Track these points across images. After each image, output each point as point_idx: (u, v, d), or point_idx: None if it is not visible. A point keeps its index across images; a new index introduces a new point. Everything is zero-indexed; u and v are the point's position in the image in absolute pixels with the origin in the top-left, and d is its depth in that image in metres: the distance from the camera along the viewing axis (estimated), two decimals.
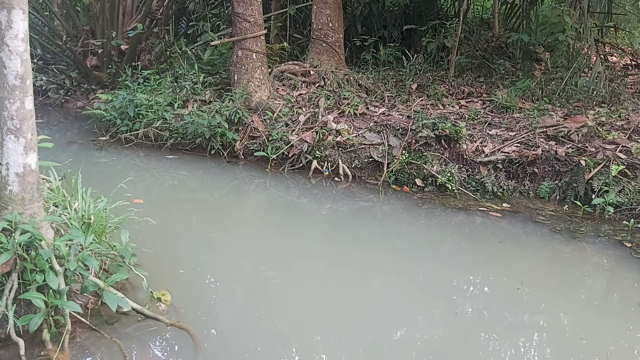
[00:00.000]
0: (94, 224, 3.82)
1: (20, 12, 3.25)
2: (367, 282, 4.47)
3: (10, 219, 3.31)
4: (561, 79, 8.29)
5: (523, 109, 7.53)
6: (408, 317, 4.00)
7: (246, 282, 4.39)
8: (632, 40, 10.51)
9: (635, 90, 8.38)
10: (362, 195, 6.41)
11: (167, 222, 5.41)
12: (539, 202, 6.13)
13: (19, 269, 3.29)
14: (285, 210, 6.22)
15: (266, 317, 3.85)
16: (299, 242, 5.46)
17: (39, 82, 9.81)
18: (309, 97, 7.98)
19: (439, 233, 5.60)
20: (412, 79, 8.75)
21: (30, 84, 3.36)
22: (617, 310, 4.32)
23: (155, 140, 7.69)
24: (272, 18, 9.99)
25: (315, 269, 4.73)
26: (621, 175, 5.88)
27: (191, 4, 11.38)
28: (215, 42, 8.69)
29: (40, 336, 3.28)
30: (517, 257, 5.04)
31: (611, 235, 5.38)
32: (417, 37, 9.84)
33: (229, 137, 7.29)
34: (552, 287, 4.55)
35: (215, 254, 4.83)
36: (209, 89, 8.30)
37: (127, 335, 3.50)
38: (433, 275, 4.65)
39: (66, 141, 7.98)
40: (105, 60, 10.09)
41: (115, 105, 7.92)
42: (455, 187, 6.30)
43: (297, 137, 7.08)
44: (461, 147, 6.62)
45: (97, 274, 3.70)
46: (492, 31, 9.52)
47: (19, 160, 3.37)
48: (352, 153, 6.94)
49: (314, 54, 8.87)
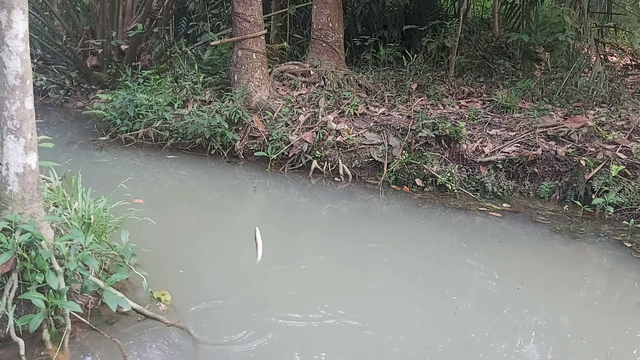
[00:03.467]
0: (94, 224, 3.82)
1: (20, 12, 3.25)
2: (367, 282, 4.47)
3: (10, 219, 3.31)
4: (561, 79, 8.29)
5: (523, 109, 7.53)
6: (408, 317, 4.00)
7: (246, 282, 4.38)
8: (632, 40, 10.52)
9: (635, 90, 8.37)
10: (362, 195, 6.41)
11: (167, 222, 5.41)
12: (539, 202, 6.13)
13: (19, 269, 3.29)
14: (285, 210, 6.22)
15: (266, 317, 3.85)
16: (298, 242, 5.46)
17: (39, 82, 9.79)
18: (309, 97, 7.98)
19: (439, 233, 5.60)
20: (412, 79, 8.75)
21: (30, 84, 3.36)
22: (617, 310, 4.32)
23: (155, 140, 7.68)
24: (272, 18, 9.98)
25: (315, 269, 4.73)
26: (621, 175, 5.88)
27: (191, 4, 11.37)
28: (215, 42, 8.68)
29: (40, 336, 3.28)
30: (517, 257, 5.04)
31: (611, 235, 5.38)
32: (417, 37, 9.83)
33: (229, 137, 7.29)
34: (552, 287, 4.55)
35: (215, 254, 4.83)
36: (209, 89, 8.30)
37: (127, 335, 3.50)
38: (433, 275, 4.65)
39: (66, 141, 7.98)
40: (105, 60, 10.09)
41: (115, 105, 7.92)
42: (455, 187, 6.30)
43: (297, 137, 7.08)
44: (461, 147, 6.62)
45: (97, 274, 3.70)
46: (492, 31, 9.52)
47: (19, 160, 3.37)
48: (352, 153, 6.94)
49: (314, 54, 8.87)
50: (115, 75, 9.85)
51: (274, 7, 10.17)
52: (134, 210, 4.42)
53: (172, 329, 3.55)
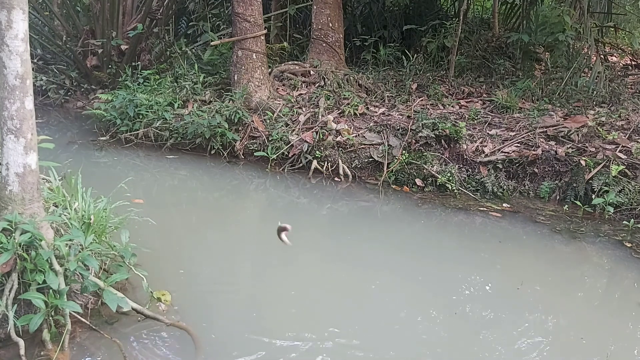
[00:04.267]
0: (94, 224, 3.82)
1: (20, 12, 3.25)
2: (367, 282, 4.47)
3: (10, 219, 3.31)
4: (561, 79, 8.29)
5: (523, 109, 7.53)
6: (408, 316, 4.00)
7: (246, 282, 4.38)
8: (632, 40, 10.51)
9: (635, 90, 8.37)
10: (362, 195, 6.41)
11: (167, 222, 5.41)
12: (539, 202, 6.13)
13: (19, 269, 3.29)
14: (285, 210, 6.22)
15: (266, 317, 3.85)
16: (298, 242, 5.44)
17: (39, 82, 9.79)
18: (309, 97, 7.98)
19: (439, 233, 5.60)
20: (412, 79, 8.75)
21: (30, 84, 3.36)
22: (617, 310, 4.32)
23: (155, 140, 7.68)
24: (272, 18, 9.98)
25: (315, 269, 4.73)
26: (621, 175, 5.88)
27: (191, 4, 11.37)
28: (215, 42, 8.68)
29: (40, 336, 3.28)
30: (517, 257, 5.04)
31: (611, 235, 5.38)
32: (417, 37, 9.83)
33: (229, 137, 7.29)
34: (552, 287, 4.55)
35: (215, 254, 4.83)
36: (209, 89, 8.30)
37: (127, 335, 3.50)
38: (433, 275, 4.65)
39: (66, 141, 7.97)
40: (105, 60, 10.09)
41: (115, 105, 7.92)
42: (455, 187, 6.30)
43: (297, 137, 7.08)
44: (461, 147, 6.62)
45: (97, 274, 3.70)
46: (492, 31, 9.52)
47: (19, 160, 3.37)
48: (352, 153, 6.94)
49: (314, 54, 8.87)
50: (115, 75, 9.85)
51: (274, 7, 10.17)
52: (134, 210, 4.42)
53: (172, 329, 3.55)
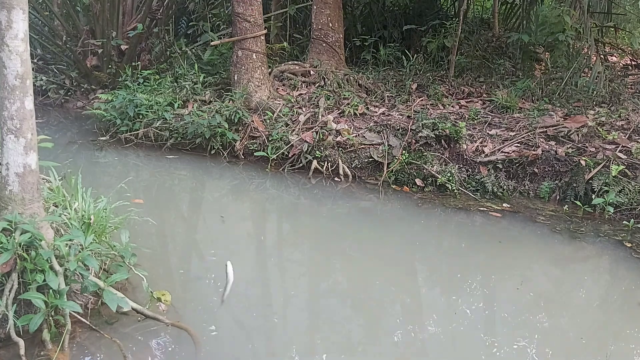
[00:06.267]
0: (94, 224, 3.82)
1: (20, 12, 3.25)
2: (367, 282, 4.47)
3: (10, 219, 3.31)
4: (561, 79, 8.29)
5: (523, 109, 7.53)
6: (408, 316, 4.00)
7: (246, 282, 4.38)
8: (632, 40, 10.51)
9: (635, 90, 8.37)
10: (362, 195, 6.41)
11: (167, 222, 5.41)
12: (539, 202, 6.13)
13: (19, 269, 3.29)
14: (285, 210, 6.22)
15: (266, 317, 3.85)
16: (298, 242, 5.46)
17: (39, 82, 9.80)
18: (309, 97, 7.97)
19: (439, 233, 5.60)
20: (412, 79, 8.75)
21: (30, 84, 3.37)
22: (617, 310, 4.32)
23: (155, 140, 7.68)
24: (272, 18, 9.98)
25: (315, 269, 4.73)
26: (621, 175, 5.88)
27: (191, 4, 11.37)
28: (215, 42, 8.68)
29: (40, 336, 3.28)
30: (517, 257, 5.04)
31: (611, 235, 5.38)
32: (417, 37, 9.83)
33: (229, 137, 7.29)
34: (552, 287, 4.55)
35: (215, 254, 4.83)
36: (209, 89, 8.30)
37: (127, 335, 3.50)
38: (433, 275, 4.65)
39: (66, 141, 7.98)
40: (105, 60, 10.09)
41: (115, 105, 7.92)
42: (455, 187, 6.30)
43: (297, 137, 7.08)
44: (461, 147, 6.62)
45: (97, 274, 3.70)
46: (492, 31, 9.52)
47: (19, 160, 3.37)
48: (352, 153, 6.94)
49: (314, 54, 8.87)
50: (115, 75, 9.85)
51: (274, 7, 10.17)
52: (134, 210, 4.43)
53: (172, 329, 3.55)
